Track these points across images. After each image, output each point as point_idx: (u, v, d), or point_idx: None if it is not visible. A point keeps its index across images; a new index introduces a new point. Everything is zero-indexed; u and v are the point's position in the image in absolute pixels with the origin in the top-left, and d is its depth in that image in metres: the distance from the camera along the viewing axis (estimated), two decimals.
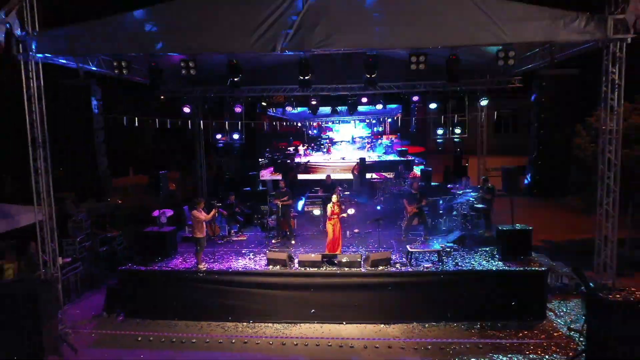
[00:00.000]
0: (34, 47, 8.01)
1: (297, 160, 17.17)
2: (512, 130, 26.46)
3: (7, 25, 7.76)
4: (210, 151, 18.51)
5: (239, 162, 17.81)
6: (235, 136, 15.35)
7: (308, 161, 17.12)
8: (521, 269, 9.06)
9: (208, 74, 10.23)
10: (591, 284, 8.33)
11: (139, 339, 8.58)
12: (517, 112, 25.69)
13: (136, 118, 12.44)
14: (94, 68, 8.96)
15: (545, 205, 18.11)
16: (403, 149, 16.75)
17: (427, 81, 12.71)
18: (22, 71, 8.07)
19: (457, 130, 15.00)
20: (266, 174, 17.08)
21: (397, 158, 16.57)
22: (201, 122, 14.93)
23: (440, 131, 14.81)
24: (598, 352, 7.21)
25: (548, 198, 14.55)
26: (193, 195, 15.55)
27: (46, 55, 8.19)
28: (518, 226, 9.93)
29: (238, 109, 13.84)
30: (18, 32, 7.91)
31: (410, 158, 16.78)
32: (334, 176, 14.70)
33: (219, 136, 15.29)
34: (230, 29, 7.68)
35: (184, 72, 8.17)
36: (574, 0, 8.12)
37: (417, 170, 16.55)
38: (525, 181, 9.29)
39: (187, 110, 13.28)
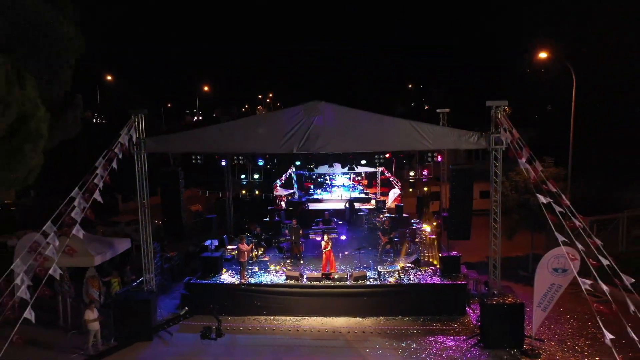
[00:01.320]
0: (142, 146, 13.00)
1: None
2: (482, 157, 31.48)
3: (129, 135, 12.74)
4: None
5: (260, 198, 22.83)
6: (256, 176, 20.33)
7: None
8: (450, 282, 14.00)
9: None
10: (494, 292, 13.28)
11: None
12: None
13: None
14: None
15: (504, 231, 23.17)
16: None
17: None
18: (135, 162, 13.06)
19: (425, 172, 19.99)
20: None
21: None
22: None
23: (412, 173, 19.80)
24: (484, 334, 12.16)
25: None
26: (221, 217, 20.37)
27: (150, 151, 13.17)
28: (453, 253, 14.90)
29: (260, 162, 18.81)
30: (134, 138, 12.90)
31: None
32: (332, 205, 19.65)
33: (243, 176, 20.26)
34: (265, 138, 12.65)
35: (235, 162, 13.16)
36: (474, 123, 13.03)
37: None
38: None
39: (223, 163, 18.25)
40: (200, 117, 75.26)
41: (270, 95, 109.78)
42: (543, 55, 18.46)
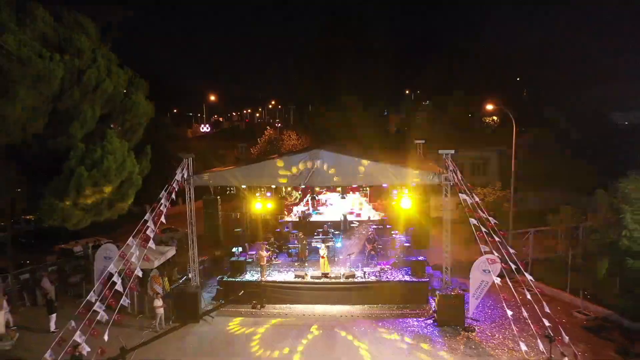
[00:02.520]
0: (192, 181, 17.89)
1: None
2: (461, 173, 36.50)
3: (182, 173, 17.62)
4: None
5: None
6: (268, 194, 25.20)
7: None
8: (416, 280, 18.86)
9: None
10: (447, 287, 18.14)
11: (237, 312, 18.41)
12: (463, 162, 35.86)
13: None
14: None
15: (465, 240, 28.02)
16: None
17: None
18: (186, 192, 17.95)
19: (405, 191, 24.83)
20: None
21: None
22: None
23: (395, 192, 24.65)
24: (438, 316, 17.02)
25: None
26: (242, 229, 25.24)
27: (196, 185, 18.06)
28: (420, 258, 19.77)
29: (273, 185, 23.68)
30: (185, 175, 17.79)
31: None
32: (331, 217, 24.46)
33: (257, 194, 25.10)
34: (276, 175, 17.55)
35: (258, 193, 18.08)
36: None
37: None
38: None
39: (243, 186, 23.13)
40: (208, 128, 79.98)
41: (273, 102, 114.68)
42: (489, 107, 23.39)
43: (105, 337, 14.32)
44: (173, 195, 17.08)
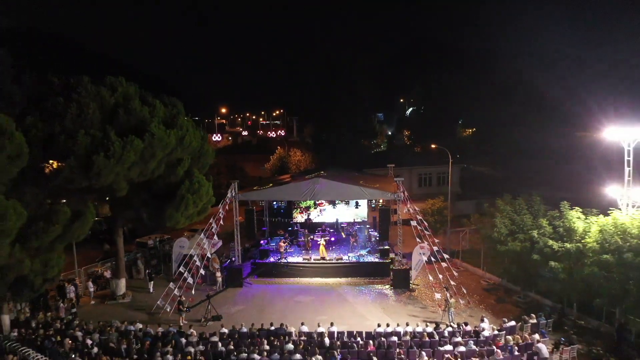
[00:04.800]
0: (237, 197, 27.97)
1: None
2: (429, 184, 46.61)
3: (231, 192, 27.67)
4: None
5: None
6: (282, 202, 35.33)
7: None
8: (382, 261, 28.90)
9: None
10: (399, 265, 28.14)
11: (266, 282, 28.45)
12: (431, 175, 45.93)
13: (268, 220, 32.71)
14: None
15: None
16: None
17: None
18: (234, 204, 28.01)
19: (381, 201, 34.96)
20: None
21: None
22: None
23: (373, 200, 34.77)
24: (393, 282, 27.05)
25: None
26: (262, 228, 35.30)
27: (240, 199, 28.12)
28: (386, 247, 29.84)
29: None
30: (233, 194, 27.85)
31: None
32: (327, 220, 34.60)
33: (274, 202, 35.23)
34: (294, 194, 27.62)
35: (275, 204, 28.19)
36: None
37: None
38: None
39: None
40: (220, 137, 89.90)
41: (277, 112, 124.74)
42: (432, 146, 33.47)
43: (193, 292, 24.49)
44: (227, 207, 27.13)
